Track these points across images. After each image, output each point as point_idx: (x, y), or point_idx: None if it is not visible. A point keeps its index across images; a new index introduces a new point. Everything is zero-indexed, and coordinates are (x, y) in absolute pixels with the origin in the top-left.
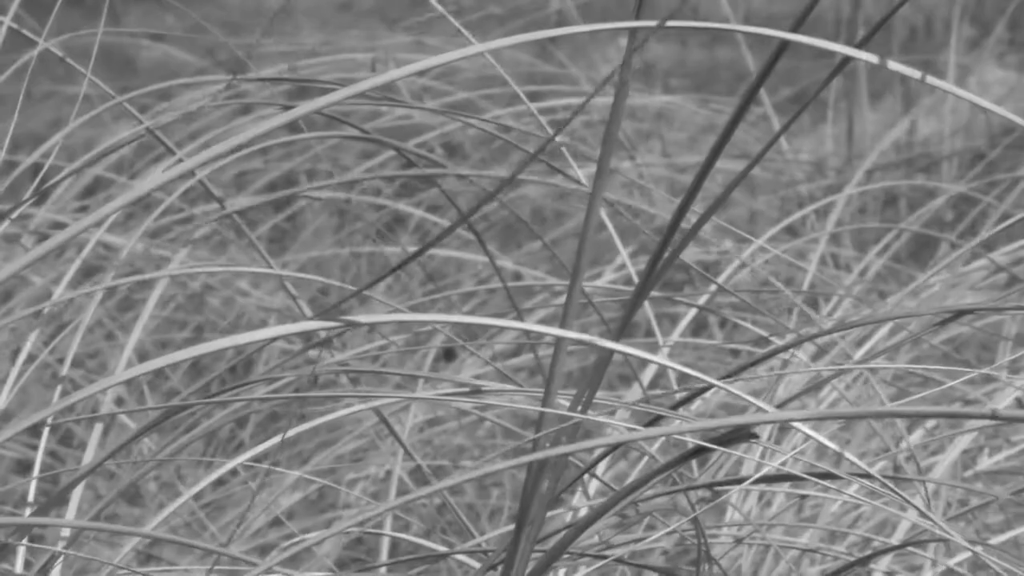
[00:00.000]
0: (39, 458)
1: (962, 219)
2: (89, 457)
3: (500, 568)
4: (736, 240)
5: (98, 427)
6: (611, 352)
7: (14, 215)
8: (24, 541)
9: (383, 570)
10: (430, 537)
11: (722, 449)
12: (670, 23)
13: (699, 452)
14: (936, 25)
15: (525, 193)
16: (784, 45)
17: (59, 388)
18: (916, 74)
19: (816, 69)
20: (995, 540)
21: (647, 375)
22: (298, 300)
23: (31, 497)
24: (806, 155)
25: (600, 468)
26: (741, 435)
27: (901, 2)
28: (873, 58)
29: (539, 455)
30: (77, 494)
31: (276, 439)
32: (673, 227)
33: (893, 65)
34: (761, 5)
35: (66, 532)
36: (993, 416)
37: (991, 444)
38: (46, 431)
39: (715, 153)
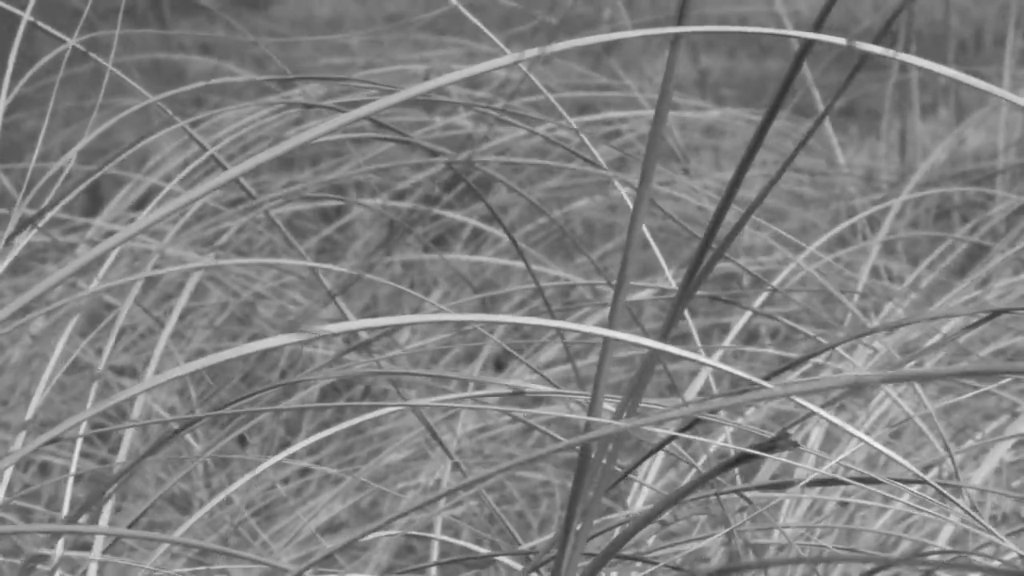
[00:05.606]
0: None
1: (1015, 231)
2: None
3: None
4: (788, 251)
5: (130, 432)
6: (657, 354)
7: (43, 221)
8: (60, 547)
9: (433, 572)
10: (480, 545)
11: (764, 455)
12: (717, 29)
13: (742, 459)
14: (986, 38)
15: (575, 207)
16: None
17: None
18: (976, 82)
19: (866, 81)
20: None
21: (695, 386)
22: (344, 307)
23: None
24: (858, 168)
25: (650, 477)
26: (783, 443)
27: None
28: (859, 44)
29: (589, 436)
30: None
31: (321, 435)
32: (714, 225)
33: (953, 73)
34: (809, 16)
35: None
36: None
37: None
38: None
39: (749, 156)
